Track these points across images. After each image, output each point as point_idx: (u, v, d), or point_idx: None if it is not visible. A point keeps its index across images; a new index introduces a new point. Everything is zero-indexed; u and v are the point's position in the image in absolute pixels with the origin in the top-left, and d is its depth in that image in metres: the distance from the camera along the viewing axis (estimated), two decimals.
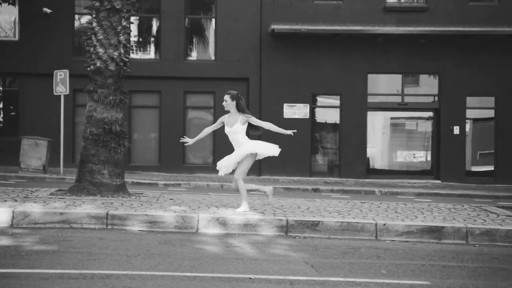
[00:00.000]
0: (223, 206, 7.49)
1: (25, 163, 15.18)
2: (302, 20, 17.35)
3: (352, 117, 17.67)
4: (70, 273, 4.61)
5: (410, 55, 17.58)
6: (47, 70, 17.04)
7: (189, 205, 7.35)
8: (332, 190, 14.85)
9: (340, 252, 5.77)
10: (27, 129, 16.99)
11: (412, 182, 17.23)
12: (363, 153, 17.77)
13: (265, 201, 7.68)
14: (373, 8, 17.62)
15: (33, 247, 5.49)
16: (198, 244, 5.97)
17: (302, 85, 17.57)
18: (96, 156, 7.73)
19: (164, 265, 5.00)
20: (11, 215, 6.44)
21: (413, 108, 18.10)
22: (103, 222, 6.54)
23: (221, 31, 17.61)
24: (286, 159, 17.59)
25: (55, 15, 17.20)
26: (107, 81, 7.83)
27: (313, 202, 8.14)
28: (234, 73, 17.52)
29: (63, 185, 12.42)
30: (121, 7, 7.75)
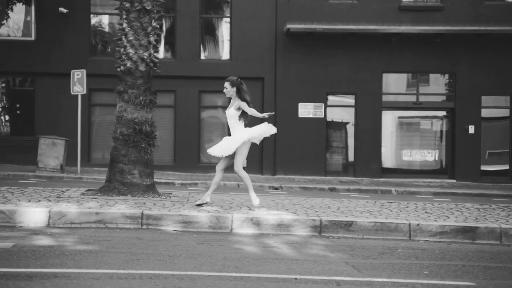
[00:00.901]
0: (254, 206, 7.52)
1: (43, 163, 15.27)
2: (317, 20, 17.38)
3: (367, 117, 17.69)
4: (119, 273, 4.67)
5: (425, 54, 17.58)
6: (63, 70, 17.12)
7: (220, 205, 7.40)
8: (349, 190, 14.87)
9: (378, 253, 5.81)
10: (43, 129, 17.07)
11: (427, 182, 17.24)
12: (377, 152, 17.79)
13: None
14: (388, 7, 17.63)
15: (75, 246, 5.55)
16: (235, 244, 6.01)
17: (316, 85, 17.60)
18: (127, 156, 7.78)
19: (207, 266, 5.05)
20: (48, 215, 6.50)
21: (428, 108, 18.11)
22: (138, 222, 6.60)
23: (236, 30, 17.65)
24: (301, 158, 17.65)
25: (71, 14, 17.28)
26: (137, 81, 7.89)
27: (341, 202, 8.18)
28: (249, 72, 17.54)
29: (82, 185, 12.52)
30: (152, 8, 7.80)
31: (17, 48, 17.26)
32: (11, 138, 17.63)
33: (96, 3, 17.86)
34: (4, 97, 17.99)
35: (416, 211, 7.51)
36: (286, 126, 17.61)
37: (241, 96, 7.34)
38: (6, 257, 5.02)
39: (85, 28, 17.51)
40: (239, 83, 7.37)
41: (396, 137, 18.41)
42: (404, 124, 18.60)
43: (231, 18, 17.70)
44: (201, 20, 17.79)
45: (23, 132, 17.85)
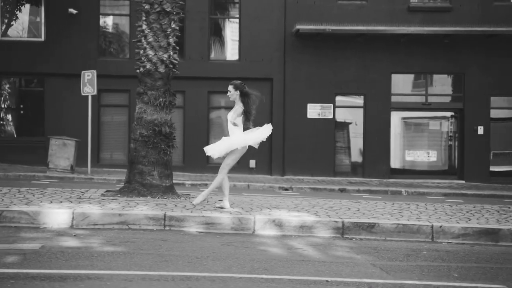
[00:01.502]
0: (274, 207, 7.54)
1: (54, 163, 15.29)
2: (326, 20, 17.39)
3: (376, 117, 17.70)
4: (151, 275, 4.68)
5: (434, 55, 17.59)
6: (73, 71, 17.15)
7: (241, 207, 7.41)
8: (359, 190, 14.89)
9: (403, 255, 5.82)
10: (52, 129, 17.10)
11: (436, 182, 17.25)
12: (386, 153, 17.80)
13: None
14: (397, 8, 17.64)
15: (102, 248, 5.56)
16: (260, 246, 6.02)
17: (325, 85, 17.62)
18: (146, 157, 7.80)
19: (236, 267, 5.06)
20: (71, 216, 6.51)
21: (437, 108, 18.12)
22: (160, 224, 6.61)
23: (245, 31, 17.67)
24: (310, 159, 17.67)
25: (80, 15, 17.30)
26: (157, 83, 7.90)
27: (359, 204, 8.19)
28: (258, 73, 17.57)
29: (93, 185, 12.54)
30: (171, 9, 7.82)
31: (26, 48, 17.28)
32: (20, 138, 17.67)
33: (105, 4, 17.89)
34: (13, 98, 18.02)
35: (436, 212, 7.52)
36: (295, 126, 17.64)
37: (244, 100, 7.25)
38: (36, 258, 5.04)
39: (94, 29, 17.53)
40: (242, 87, 7.30)
41: (404, 138, 18.42)
42: (411, 125, 18.62)
43: (240, 18, 17.72)
44: (210, 20, 17.81)
45: (32, 133, 17.89)
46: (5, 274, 4.53)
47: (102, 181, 14.72)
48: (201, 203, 7.46)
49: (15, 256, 5.10)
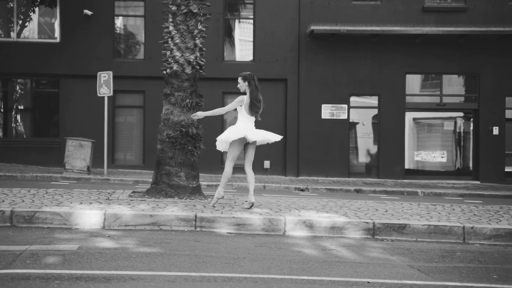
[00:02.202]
0: (302, 208, 7.55)
1: (70, 164, 15.34)
2: (340, 21, 17.39)
3: (390, 118, 17.68)
4: (192, 276, 4.70)
5: (448, 56, 17.55)
6: (88, 72, 17.22)
7: (269, 208, 7.42)
8: (375, 191, 14.87)
9: (438, 256, 5.81)
10: (68, 130, 17.17)
11: (451, 183, 17.21)
12: (401, 153, 17.77)
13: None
14: (412, 8, 17.61)
15: (138, 249, 5.58)
16: (293, 247, 6.03)
17: (340, 86, 17.61)
18: (173, 158, 7.82)
19: (275, 269, 5.07)
20: (103, 217, 6.54)
21: (452, 109, 18.08)
22: (191, 225, 6.63)
23: (259, 32, 17.68)
24: (324, 159, 17.66)
25: (95, 17, 17.36)
26: (184, 84, 7.92)
27: (386, 205, 8.18)
28: (273, 74, 17.58)
29: (110, 186, 12.58)
30: (198, 11, 7.84)
31: (41, 50, 17.35)
32: (35, 139, 17.73)
33: (120, 5, 17.94)
34: (28, 99, 18.09)
35: (464, 213, 7.51)
36: (309, 127, 17.64)
37: (251, 91, 7.30)
38: (76, 259, 5.06)
39: (109, 30, 17.58)
40: (251, 78, 7.36)
41: (417, 139, 18.39)
42: (424, 125, 18.58)
43: (254, 19, 17.73)
44: (224, 21, 17.84)
45: (47, 134, 17.96)
46: (49, 274, 4.56)
47: (119, 182, 14.77)
48: (218, 202, 7.56)
49: (55, 256, 5.12)
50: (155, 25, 17.54)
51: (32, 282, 4.36)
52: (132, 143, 17.94)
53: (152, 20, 17.52)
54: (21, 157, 17.23)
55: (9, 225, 6.43)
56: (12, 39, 17.62)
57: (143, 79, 17.57)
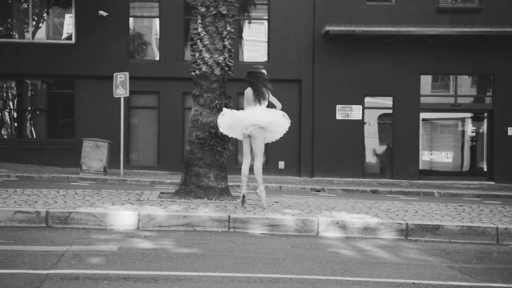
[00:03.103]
0: (332, 209, 7.56)
1: (87, 165, 15.38)
2: (354, 22, 17.40)
3: (405, 118, 17.68)
4: (238, 277, 4.71)
5: (463, 56, 17.54)
6: (103, 73, 17.27)
7: (300, 208, 7.44)
8: (391, 192, 14.86)
9: (475, 257, 5.82)
10: (83, 131, 17.22)
11: (466, 184, 17.20)
12: (415, 154, 17.77)
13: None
14: (426, 9, 17.61)
15: (177, 250, 5.60)
16: (329, 248, 6.04)
17: (354, 87, 17.61)
18: (202, 159, 7.84)
19: (318, 270, 5.08)
20: (137, 218, 6.57)
21: (467, 109, 18.07)
22: (225, 225, 6.65)
23: (274, 32, 17.70)
24: (339, 160, 17.66)
25: (110, 18, 17.41)
26: (213, 85, 7.94)
27: (413, 206, 8.19)
28: (287, 74, 17.60)
29: (128, 187, 12.60)
30: (227, 12, 7.86)
31: (57, 51, 17.42)
32: (50, 140, 17.79)
33: (134, 6, 17.99)
34: (44, 100, 18.15)
35: (494, 214, 7.51)
36: (324, 128, 17.65)
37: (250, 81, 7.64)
38: (119, 259, 5.09)
39: (124, 31, 17.63)
40: (248, 71, 7.64)
41: (431, 139, 18.38)
42: (438, 126, 18.56)
43: (269, 20, 17.75)
44: (239, 22, 17.86)
45: (63, 135, 18.03)
46: (96, 275, 4.58)
47: (135, 183, 14.81)
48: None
49: (98, 257, 5.15)
50: (170, 26, 17.60)
51: (82, 282, 4.39)
52: (146, 143, 17.98)
53: (167, 21, 17.57)
54: (36, 158, 17.30)
55: (45, 225, 6.46)
56: (27, 40, 17.70)
57: (157, 80, 17.61)
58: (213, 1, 7.83)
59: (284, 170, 17.82)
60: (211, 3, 7.83)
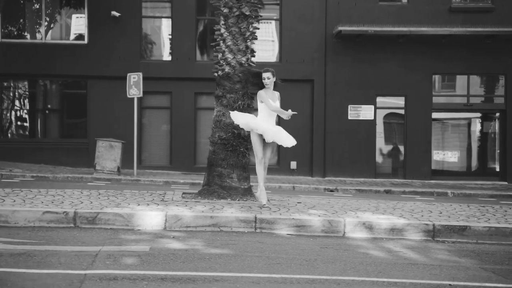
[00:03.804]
0: (356, 209, 7.56)
1: (100, 165, 15.42)
2: (366, 22, 17.38)
3: (417, 118, 17.66)
4: (274, 277, 4.71)
5: (475, 56, 17.51)
6: (115, 73, 17.32)
7: (324, 209, 7.44)
8: (404, 192, 14.85)
9: (507, 258, 5.81)
10: (95, 132, 17.26)
11: (479, 184, 17.16)
12: (427, 154, 17.75)
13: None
14: (438, 8, 17.58)
15: (208, 250, 5.61)
16: (358, 249, 6.04)
17: (366, 86, 17.60)
18: (225, 160, 7.85)
19: (351, 270, 5.08)
20: (164, 218, 6.58)
21: (479, 109, 18.05)
22: (251, 226, 6.65)
23: (286, 32, 17.71)
24: (351, 160, 17.65)
25: (123, 18, 17.45)
26: (235, 86, 7.95)
27: (436, 206, 8.18)
28: (299, 74, 17.61)
29: (141, 187, 12.63)
30: (250, 13, 7.87)
31: (69, 51, 17.47)
32: (63, 140, 17.85)
33: (147, 6, 18.01)
34: (57, 100, 18.20)
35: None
36: (336, 128, 17.64)
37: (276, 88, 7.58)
38: (153, 260, 5.10)
39: (136, 32, 17.66)
40: (275, 74, 7.56)
41: (443, 139, 18.36)
42: (449, 126, 18.54)
43: (281, 20, 17.76)
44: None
45: (75, 135, 18.07)
46: (134, 275, 4.60)
47: (149, 183, 14.83)
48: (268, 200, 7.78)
49: (132, 257, 5.16)
50: (182, 26, 17.62)
51: (121, 282, 4.40)
52: (158, 144, 18.00)
53: (179, 21, 17.59)
54: (49, 158, 17.35)
55: (73, 226, 6.48)
56: (39, 40, 17.75)
57: (170, 80, 17.64)
58: (236, 2, 7.84)
59: (296, 170, 17.82)
60: (234, 4, 7.84)
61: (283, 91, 17.05)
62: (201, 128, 17.87)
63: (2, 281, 4.28)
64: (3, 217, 6.32)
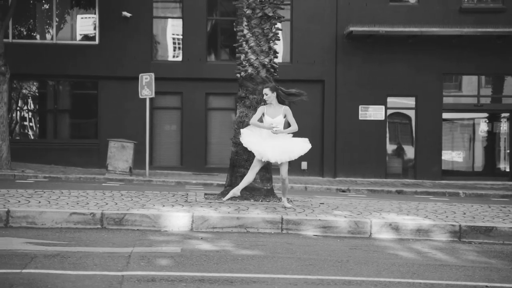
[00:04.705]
0: (380, 210, 7.56)
1: (113, 166, 15.43)
2: (377, 22, 17.37)
3: (427, 119, 17.65)
4: (311, 279, 4.71)
5: (486, 56, 17.49)
6: (126, 73, 17.33)
7: (348, 210, 7.44)
8: (416, 192, 14.85)
9: None
10: (107, 132, 17.27)
11: (490, 184, 17.14)
12: (438, 154, 17.74)
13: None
14: (449, 9, 17.57)
15: (239, 251, 5.61)
16: (387, 250, 6.04)
17: (377, 87, 17.60)
18: (249, 161, 7.84)
19: (385, 272, 5.07)
20: (191, 219, 6.58)
21: (490, 109, 18.04)
22: (278, 227, 6.65)
23: (297, 33, 17.70)
24: (362, 160, 17.65)
25: (134, 19, 17.46)
26: (258, 87, 7.95)
27: (457, 207, 8.18)
28: (310, 75, 17.61)
29: (153, 188, 12.63)
30: (273, 14, 7.87)
31: (80, 52, 17.48)
32: (74, 141, 17.87)
33: (158, 7, 18.02)
34: (68, 101, 18.23)
35: None
36: (346, 128, 17.64)
37: (282, 101, 7.43)
38: (187, 261, 5.10)
39: (147, 32, 17.67)
40: (277, 89, 7.43)
41: (452, 139, 18.35)
42: (458, 126, 18.52)
43: (291, 20, 17.75)
44: None
45: (86, 135, 18.09)
46: (171, 276, 4.60)
47: (161, 184, 14.84)
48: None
49: (164, 259, 5.17)
50: (193, 26, 17.63)
51: (159, 283, 4.40)
52: (169, 144, 18.01)
53: (190, 22, 17.60)
54: (60, 158, 17.36)
55: (100, 227, 6.49)
56: (50, 41, 17.77)
57: (180, 80, 17.65)
58: (259, 3, 7.84)
59: (307, 171, 17.82)
60: (257, 5, 7.85)
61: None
62: (212, 128, 17.88)
63: (42, 282, 4.29)
64: (31, 218, 6.33)
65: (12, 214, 6.28)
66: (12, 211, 6.29)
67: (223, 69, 17.53)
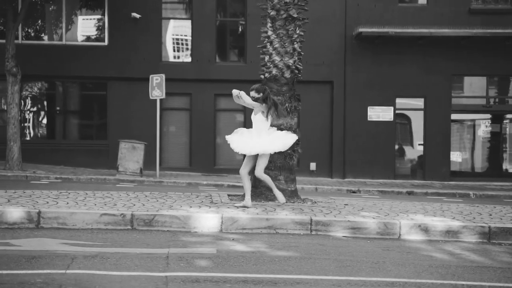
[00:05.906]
0: (406, 211, 7.56)
1: (123, 166, 15.41)
2: (386, 23, 17.40)
3: (436, 120, 17.68)
4: (354, 280, 4.70)
5: (495, 57, 17.53)
6: (135, 74, 17.31)
7: (375, 211, 7.44)
8: (427, 193, 14.86)
9: None
10: (116, 133, 17.24)
11: (499, 185, 17.17)
12: (447, 155, 17.77)
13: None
14: (458, 10, 17.61)
15: (274, 252, 5.58)
16: (420, 251, 6.03)
17: (385, 88, 17.62)
18: (272, 162, 7.85)
19: (425, 274, 5.06)
20: (220, 220, 6.57)
21: (499, 110, 18.09)
22: (307, 228, 6.65)
23: (306, 34, 17.62)
24: (370, 161, 17.67)
25: (143, 20, 17.44)
26: (283, 88, 7.96)
27: (481, 208, 8.20)
28: (319, 76, 17.61)
29: (165, 188, 12.59)
30: (297, 15, 7.88)
31: (89, 53, 17.45)
32: (83, 142, 17.83)
33: (167, 8, 18.01)
34: (77, 102, 18.19)
35: None
36: (355, 129, 17.65)
37: (263, 100, 7.51)
38: (225, 262, 5.08)
39: (156, 33, 17.66)
40: (264, 89, 7.48)
41: (461, 140, 18.38)
42: (466, 127, 18.56)
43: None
44: None
45: (95, 136, 18.05)
46: (214, 277, 4.59)
47: (172, 184, 14.82)
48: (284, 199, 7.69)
49: (203, 260, 5.15)
50: (202, 27, 17.62)
51: (204, 284, 4.39)
52: (178, 145, 18.00)
53: (199, 23, 17.59)
54: (69, 159, 17.33)
55: (130, 228, 6.47)
56: (59, 42, 17.73)
57: (189, 81, 17.64)
58: (284, 5, 7.84)
59: (316, 172, 17.83)
60: (282, 6, 7.85)
61: (303, 92, 17.20)
62: (220, 129, 17.86)
63: (89, 282, 4.27)
64: (61, 219, 6.31)
65: (43, 215, 6.25)
66: (43, 212, 6.27)
67: (232, 70, 17.55)
